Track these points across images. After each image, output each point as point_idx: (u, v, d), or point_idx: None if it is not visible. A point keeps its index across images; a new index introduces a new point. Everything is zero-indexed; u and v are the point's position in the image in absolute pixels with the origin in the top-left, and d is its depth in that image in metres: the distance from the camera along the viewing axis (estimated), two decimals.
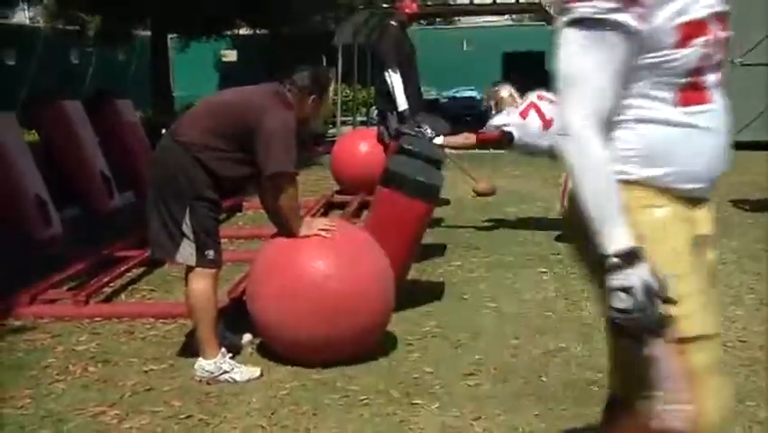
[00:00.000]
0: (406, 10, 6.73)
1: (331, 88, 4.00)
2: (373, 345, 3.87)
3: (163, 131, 3.90)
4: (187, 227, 3.63)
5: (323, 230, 3.77)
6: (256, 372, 3.72)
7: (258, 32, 17.92)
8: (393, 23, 6.75)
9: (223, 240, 3.96)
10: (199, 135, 3.67)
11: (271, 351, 3.88)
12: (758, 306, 4.55)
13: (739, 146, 7.11)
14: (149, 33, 14.34)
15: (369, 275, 3.81)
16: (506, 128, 6.03)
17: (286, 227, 3.79)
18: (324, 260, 3.70)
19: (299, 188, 3.83)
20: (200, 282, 3.69)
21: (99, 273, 5.36)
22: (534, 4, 13.54)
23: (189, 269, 3.71)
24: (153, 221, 3.73)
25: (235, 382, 3.65)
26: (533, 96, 6.15)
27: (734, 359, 3.80)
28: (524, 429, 3.15)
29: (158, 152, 3.81)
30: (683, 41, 1.72)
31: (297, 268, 3.71)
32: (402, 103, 6.52)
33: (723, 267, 5.32)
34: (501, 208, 7.54)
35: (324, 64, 14.15)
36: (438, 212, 6.95)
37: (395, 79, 6.50)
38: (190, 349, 3.93)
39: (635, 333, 1.67)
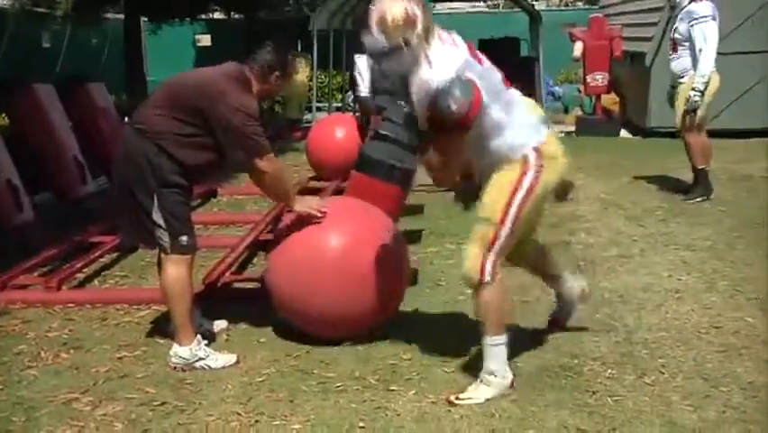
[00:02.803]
0: None
1: (296, 65, 3.91)
2: (394, 311, 3.98)
3: None
4: (157, 215, 3.59)
5: (319, 211, 3.76)
6: (232, 358, 3.70)
7: (233, 16, 17.71)
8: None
9: (197, 226, 3.92)
10: (157, 121, 3.60)
11: (247, 338, 3.86)
12: (732, 292, 4.58)
13: (711, 134, 7.07)
14: (122, 16, 14.14)
15: (387, 239, 3.88)
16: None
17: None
18: (349, 228, 3.79)
19: None
20: (175, 268, 3.65)
21: (72, 259, 5.30)
22: None
23: (164, 255, 3.68)
24: (123, 211, 3.68)
25: (211, 368, 3.63)
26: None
27: (708, 345, 3.84)
28: (500, 415, 3.16)
29: (121, 141, 3.75)
30: None
31: (321, 239, 3.74)
32: (363, 90, 6.46)
33: (696, 254, 5.37)
34: (478, 194, 7.52)
35: (300, 50, 14.07)
36: (415, 198, 6.94)
37: (360, 63, 6.43)
38: (165, 336, 3.90)
39: None
